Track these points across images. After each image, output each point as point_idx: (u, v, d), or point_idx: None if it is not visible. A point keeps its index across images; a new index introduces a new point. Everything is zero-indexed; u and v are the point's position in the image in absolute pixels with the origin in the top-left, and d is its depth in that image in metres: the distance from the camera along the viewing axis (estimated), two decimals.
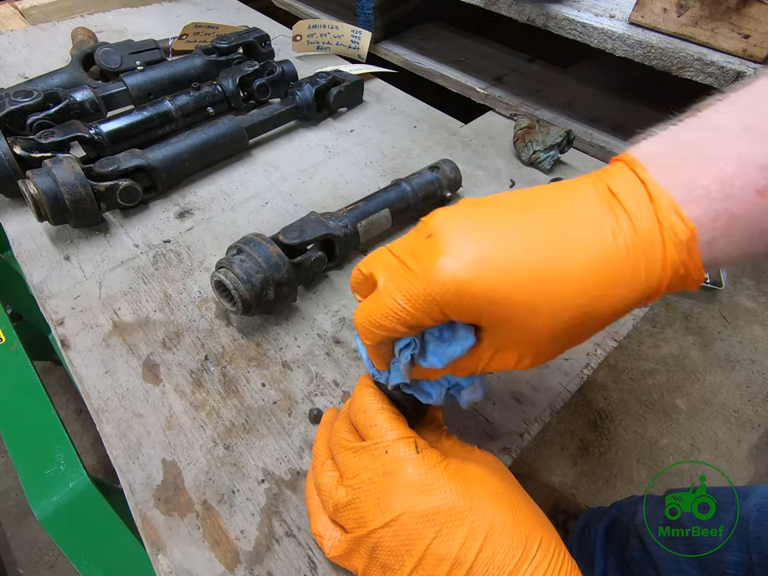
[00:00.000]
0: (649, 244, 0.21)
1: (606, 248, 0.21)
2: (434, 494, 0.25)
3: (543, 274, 0.21)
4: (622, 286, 0.21)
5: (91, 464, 0.97)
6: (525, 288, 0.21)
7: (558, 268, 0.21)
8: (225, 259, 0.42)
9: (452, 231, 0.23)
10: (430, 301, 0.22)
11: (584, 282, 0.21)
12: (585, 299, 0.21)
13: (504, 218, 0.23)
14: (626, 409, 1.04)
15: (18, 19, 0.99)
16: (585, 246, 0.21)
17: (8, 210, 0.57)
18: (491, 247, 0.22)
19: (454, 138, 0.70)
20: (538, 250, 0.22)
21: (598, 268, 0.21)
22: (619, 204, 0.22)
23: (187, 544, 0.33)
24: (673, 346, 1.16)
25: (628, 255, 0.21)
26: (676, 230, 0.21)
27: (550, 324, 0.22)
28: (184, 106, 0.64)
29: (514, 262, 0.22)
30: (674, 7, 0.55)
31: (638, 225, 0.21)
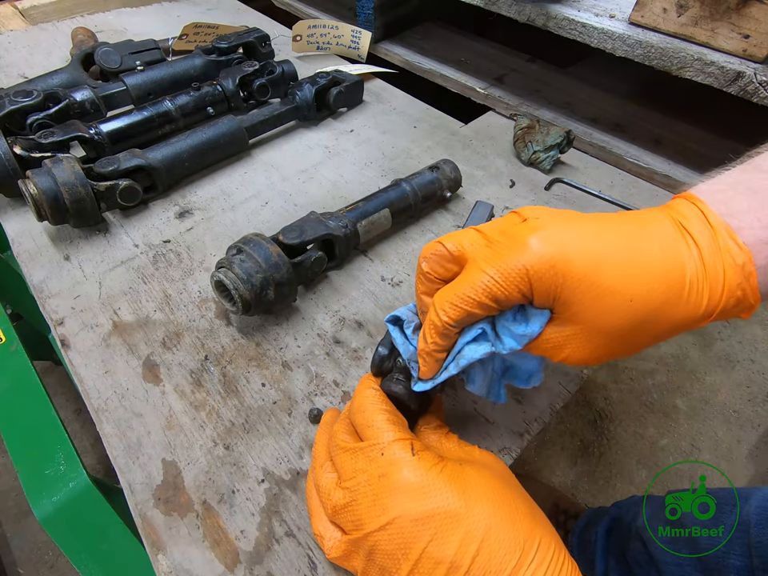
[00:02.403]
0: (711, 267, 0.23)
1: (678, 265, 0.24)
2: (430, 497, 0.25)
3: (626, 268, 0.24)
4: (692, 296, 0.24)
5: (91, 464, 0.97)
6: (609, 273, 0.24)
7: (639, 266, 0.24)
8: (225, 259, 0.42)
9: (548, 217, 0.25)
10: (522, 273, 0.24)
11: (656, 287, 0.24)
12: (654, 303, 0.24)
13: (593, 222, 0.25)
14: (626, 409, 1.04)
15: (18, 19, 0.99)
16: (662, 257, 0.24)
17: (8, 210, 0.57)
18: (583, 234, 0.24)
19: (454, 138, 0.70)
20: (623, 247, 0.24)
21: (671, 279, 0.24)
22: (688, 233, 0.24)
23: (187, 544, 0.33)
24: (673, 346, 1.16)
25: (697, 277, 0.23)
26: (733, 254, 0.23)
27: (621, 313, 0.24)
28: (184, 106, 0.64)
29: (603, 250, 0.24)
30: (673, 7, 0.55)
31: (703, 250, 0.24)
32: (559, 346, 0.26)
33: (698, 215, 0.24)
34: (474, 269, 0.25)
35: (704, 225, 0.24)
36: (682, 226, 0.24)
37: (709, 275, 0.23)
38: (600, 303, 0.24)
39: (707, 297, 0.24)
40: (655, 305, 0.24)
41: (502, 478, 0.27)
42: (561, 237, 0.24)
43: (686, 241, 0.24)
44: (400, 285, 0.50)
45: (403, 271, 0.51)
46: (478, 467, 0.27)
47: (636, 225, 0.25)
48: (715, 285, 0.23)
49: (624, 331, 0.24)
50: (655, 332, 0.25)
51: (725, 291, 0.23)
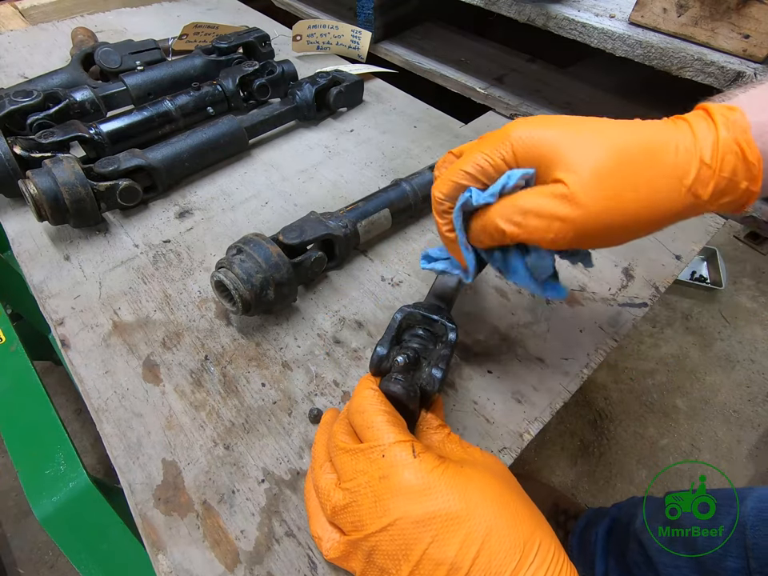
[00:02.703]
0: (702, 129, 0.26)
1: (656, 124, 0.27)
2: (431, 499, 0.25)
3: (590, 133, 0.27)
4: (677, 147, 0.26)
5: (91, 464, 0.97)
6: (587, 130, 0.27)
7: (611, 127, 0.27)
8: (225, 259, 0.42)
9: (522, 119, 0.29)
10: (504, 138, 0.28)
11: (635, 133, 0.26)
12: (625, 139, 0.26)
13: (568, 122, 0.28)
14: (626, 409, 1.04)
15: (18, 19, 0.99)
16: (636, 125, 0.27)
17: (8, 210, 0.57)
18: (557, 118, 0.28)
19: (455, 138, 0.70)
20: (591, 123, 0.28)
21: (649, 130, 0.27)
22: (681, 119, 0.27)
23: (187, 544, 0.33)
24: (673, 345, 1.16)
25: (679, 131, 0.26)
26: (726, 114, 0.25)
27: (602, 149, 0.26)
28: (184, 106, 0.64)
29: (579, 123, 0.28)
30: (673, 7, 0.55)
31: (695, 125, 0.26)
32: (551, 212, 0.27)
33: (700, 112, 0.27)
34: (468, 149, 0.30)
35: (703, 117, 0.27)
36: (682, 119, 0.27)
37: (696, 132, 0.26)
38: (580, 146, 0.26)
39: (697, 151, 0.25)
40: (627, 147, 0.26)
41: (502, 480, 0.27)
42: (535, 121, 0.28)
43: (672, 121, 0.27)
44: (400, 285, 0.50)
45: (403, 271, 0.51)
46: (480, 469, 0.27)
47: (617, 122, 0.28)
48: (706, 142, 0.25)
49: (612, 170, 0.26)
50: (649, 178, 0.26)
51: (720, 147, 0.25)
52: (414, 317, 0.37)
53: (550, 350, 0.44)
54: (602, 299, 0.49)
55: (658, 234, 0.54)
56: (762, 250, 1.39)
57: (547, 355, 0.44)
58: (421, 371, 0.34)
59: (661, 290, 0.50)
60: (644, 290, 0.49)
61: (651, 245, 0.54)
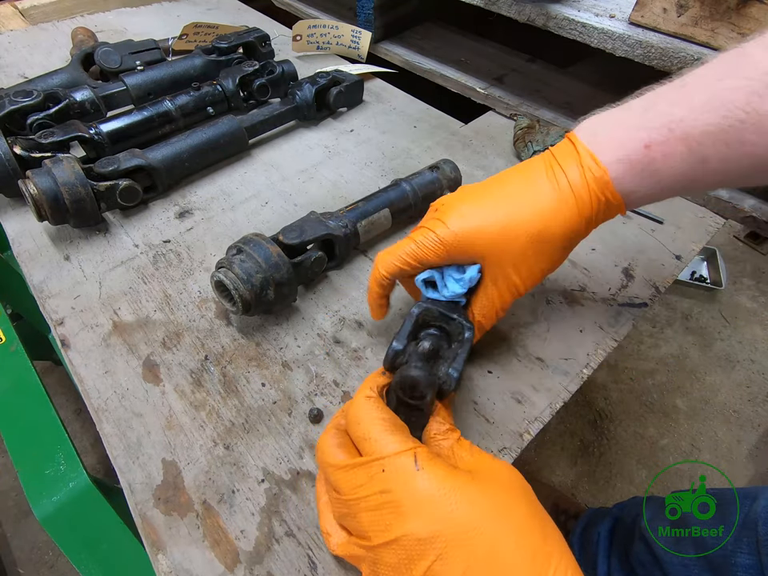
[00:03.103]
0: (577, 184, 0.33)
1: (546, 195, 0.33)
2: (434, 516, 0.24)
3: (506, 219, 0.34)
4: (563, 212, 0.33)
5: (91, 464, 0.97)
6: (491, 230, 0.34)
7: (517, 213, 0.34)
8: (225, 259, 0.42)
9: (449, 202, 0.37)
10: (435, 242, 0.35)
11: (535, 214, 0.33)
12: (538, 226, 0.33)
13: (481, 194, 0.36)
14: (626, 409, 1.04)
15: (18, 19, 0.99)
16: (533, 197, 0.34)
17: (8, 210, 0.57)
18: (469, 212, 0.35)
19: (454, 138, 0.70)
20: (502, 207, 0.34)
21: (544, 207, 0.33)
22: (558, 164, 0.34)
23: (187, 544, 0.33)
24: (673, 345, 1.17)
25: (562, 193, 0.33)
26: (593, 171, 0.32)
27: (520, 244, 0.34)
28: (184, 106, 0.64)
29: (485, 216, 0.35)
30: (673, 7, 0.55)
31: (569, 174, 0.33)
32: (501, 295, 0.36)
33: (570, 149, 0.34)
34: (405, 240, 0.37)
35: (573, 155, 0.33)
36: (557, 161, 0.34)
37: (576, 192, 0.32)
38: (500, 248, 0.34)
39: (578, 208, 0.33)
40: (540, 231, 0.33)
41: (515, 492, 0.26)
42: (457, 219, 0.35)
43: (554, 174, 0.34)
44: (400, 284, 0.50)
45: None
46: (490, 480, 0.26)
47: (517, 179, 0.36)
48: (583, 196, 0.32)
49: (530, 254, 0.34)
50: (553, 244, 0.34)
51: (592, 198, 0.32)
52: (431, 313, 0.36)
53: (549, 350, 0.44)
54: (602, 299, 0.49)
55: (658, 234, 0.54)
56: (762, 250, 1.39)
57: (547, 355, 0.44)
58: (437, 368, 0.33)
59: (661, 290, 0.50)
60: (644, 290, 0.49)
61: (651, 245, 0.54)
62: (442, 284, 0.37)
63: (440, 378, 0.32)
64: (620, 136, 0.32)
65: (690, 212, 0.58)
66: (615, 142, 0.32)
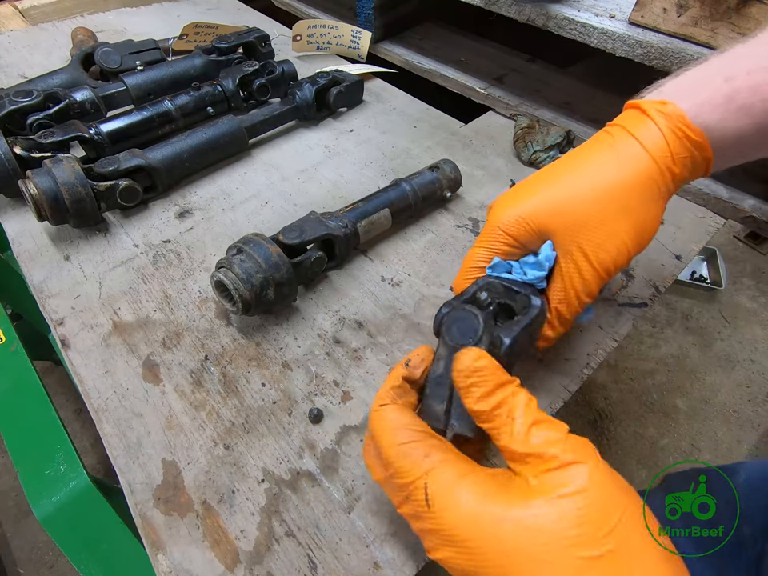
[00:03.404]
0: (648, 134, 0.30)
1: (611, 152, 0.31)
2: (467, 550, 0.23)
3: (570, 184, 0.32)
4: (637, 164, 0.30)
5: (91, 464, 0.97)
6: (555, 198, 0.32)
7: (581, 175, 0.32)
8: (225, 259, 0.42)
9: (499, 199, 0.35)
10: (498, 230, 0.33)
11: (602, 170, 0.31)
12: (609, 179, 0.31)
13: (534, 177, 0.35)
14: (626, 409, 1.04)
15: (18, 19, 0.99)
16: (597, 158, 0.32)
17: (8, 210, 0.57)
18: (524, 190, 0.34)
19: (454, 138, 0.70)
20: (563, 175, 0.33)
21: (610, 162, 0.31)
22: (619, 126, 0.32)
23: (187, 544, 0.33)
24: (673, 345, 1.17)
25: (630, 146, 0.31)
26: (661, 109, 0.30)
27: (590, 206, 0.31)
28: (184, 106, 0.64)
29: (544, 187, 0.33)
30: (673, 7, 0.55)
31: (636, 131, 0.31)
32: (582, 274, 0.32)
33: (631, 113, 0.32)
34: (471, 250, 0.35)
35: (637, 115, 0.31)
36: (616, 125, 0.32)
37: (645, 141, 0.30)
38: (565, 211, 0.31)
39: (653, 156, 0.30)
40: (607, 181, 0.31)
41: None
42: (512, 199, 0.33)
43: (615, 137, 0.32)
44: (400, 285, 0.50)
45: (403, 271, 0.51)
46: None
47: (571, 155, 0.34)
48: (657, 142, 0.30)
49: (600, 219, 0.31)
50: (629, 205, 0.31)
51: (670, 143, 0.30)
52: (494, 288, 0.33)
53: (549, 350, 0.44)
54: (602, 299, 0.49)
55: (658, 234, 0.54)
56: (762, 250, 1.39)
57: (547, 355, 0.44)
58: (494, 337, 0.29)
59: (661, 290, 0.50)
60: (644, 290, 0.49)
61: (651, 245, 0.53)
62: (520, 273, 0.34)
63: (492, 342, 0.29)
64: (695, 79, 0.30)
65: (690, 212, 0.58)
66: (689, 87, 0.30)
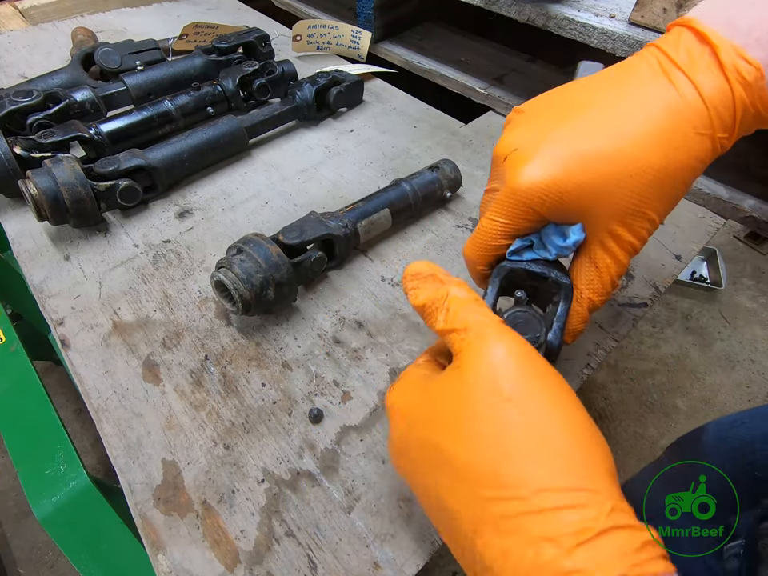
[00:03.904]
0: (714, 92, 0.23)
1: (668, 112, 0.24)
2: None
3: (613, 154, 0.24)
4: (693, 135, 0.24)
5: (91, 464, 0.97)
6: (597, 172, 0.24)
7: (628, 143, 0.24)
8: (225, 259, 0.42)
9: (526, 143, 0.26)
10: (520, 205, 0.26)
11: (654, 147, 0.24)
12: (661, 157, 0.24)
13: (563, 124, 0.26)
14: (626, 409, 1.04)
15: (18, 19, 0.99)
16: (644, 118, 0.24)
17: (8, 210, 0.57)
18: (559, 151, 0.25)
19: (454, 138, 0.70)
20: (603, 137, 0.25)
21: (666, 130, 0.24)
22: (675, 66, 0.25)
23: (187, 544, 0.33)
24: (673, 345, 1.17)
25: (690, 109, 0.24)
26: (742, 72, 0.23)
27: (635, 186, 0.24)
28: (184, 106, 0.64)
29: (581, 157, 0.25)
30: (673, 7, 0.55)
31: (698, 78, 0.24)
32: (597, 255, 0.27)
33: (694, 44, 0.25)
34: (480, 222, 0.29)
35: (702, 52, 0.24)
36: (673, 63, 0.25)
37: (710, 104, 0.24)
38: (604, 190, 0.25)
39: (713, 126, 0.24)
40: (661, 166, 0.24)
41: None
42: (542, 163, 0.25)
43: (673, 84, 0.24)
44: (400, 285, 0.50)
45: (403, 271, 0.51)
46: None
47: (614, 97, 0.26)
48: (723, 109, 0.24)
49: (644, 200, 0.25)
50: (675, 185, 0.25)
51: (737, 111, 0.24)
52: (517, 275, 0.30)
53: None
54: None
55: (658, 234, 0.54)
56: (762, 250, 1.39)
57: None
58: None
59: (661, 290, 0.50)
60: (644, 290, 0.49)
61: (651, 245, 0.54)
62: (541, 248, 0.30)
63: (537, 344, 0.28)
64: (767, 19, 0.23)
65: (690, 212, 0.58)
66: (764, 27, 0.23)
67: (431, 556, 0.33)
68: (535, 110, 0.29)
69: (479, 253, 0.30)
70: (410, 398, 0.26)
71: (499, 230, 0.28)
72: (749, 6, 0.24)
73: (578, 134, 0.25)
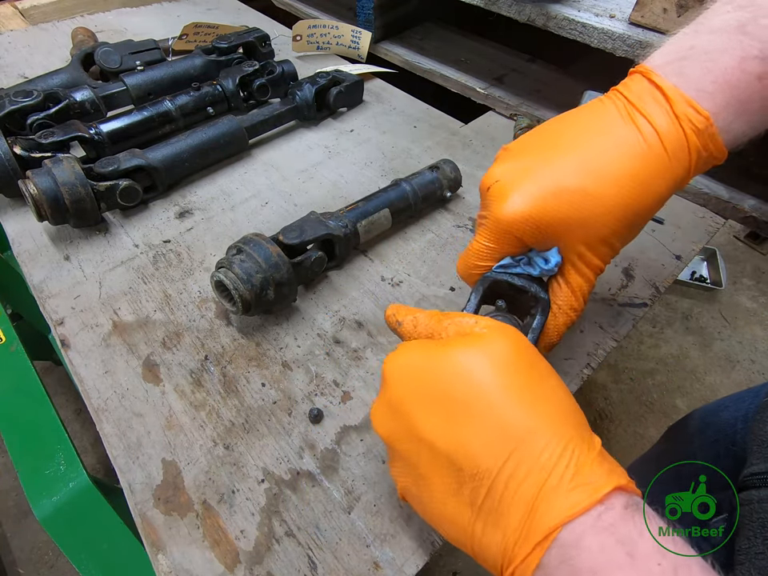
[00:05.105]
0: (672, 138, 0.26)
1: (633, 157, 0.27)
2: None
3: (586, 193, 0.27)
4: (657, 178, 0.27)
5: (91, 464, 0.97)
6: (572, 206, 0.28)
7: (598, 184, 0.27)
8: (225, 259, 0.42)
9: (505, 180, 0.29)
10: (503, 232, 0.29)
11: (622, 186, 0.27)
12: (628, 198, 0.27)
13: (543, 162, 0.29)
14: (626, 409, 1.04)
15: (18, 19, 0.99)
16: (614, 160, 0.27)
17: (8, 210, 0.57)
18: (538, 186, 0.28)
19: (454, 138, 0.70)
20: (575, 177, 0.28)
21: (635, 171, 0.27)
22: (639, 113, 0.27)
23: (187, 544, 0.33)
24: (673, 345, 1.17)
25: (653, 152, 0.27)
26: (693, 121, 0.26)
27: (606, 221, 0.28)
28: (184, 106, 0.64)
29: (558, 192, 0.28)
30: (673, 7, 0.55)
31: (659, 125, 0.27)
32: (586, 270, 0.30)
33: (652, 92, 0.28)
34: (471, 242, 0.32)
35: (660, 101, 0.27)
36: (636, 108, 0.28)
37: (672, 148, 0.27)
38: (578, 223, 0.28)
39: (676, 166, 0.27)
40: (631, 203, 0.28)
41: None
42: (525, 194, 0.29)
43: (637, 127, 0.27)
44: (400, 285, 0.50)
45: (403, 271, 0.51)
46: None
47: (586, 136, 0.29)
48: (680, 153, 0.27)
49: (613, 233, 0.28)
50: (646, 214, 0.29)
51: (692, 154, 0.27)
52: (500, 286, 0.32)
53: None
54: (602, 299, 0.49)
55: (658, 234, 0.54)
56: (762, 250, 1.39)
57: (547, 355, 0.44)
58: None
59: (661, 290, 0.50)
60: (644, 290, 0.49)
61: (651, 245, 0.54)
62: (526, 265, 0.33)
63: None
64: (717, 71, 0.26)
65: (690, 212, 0.58)
66: (712, 80, 0.26)
67: (431, 556, 0.33)
68: (520, 147, 0.31)
69: (469, 271, 0.33)
70: (410, 360, 0.27)
71: (486, 253, 0.31)
72: (698, 62, 0.27)
73: (556, 172, 0.28)
